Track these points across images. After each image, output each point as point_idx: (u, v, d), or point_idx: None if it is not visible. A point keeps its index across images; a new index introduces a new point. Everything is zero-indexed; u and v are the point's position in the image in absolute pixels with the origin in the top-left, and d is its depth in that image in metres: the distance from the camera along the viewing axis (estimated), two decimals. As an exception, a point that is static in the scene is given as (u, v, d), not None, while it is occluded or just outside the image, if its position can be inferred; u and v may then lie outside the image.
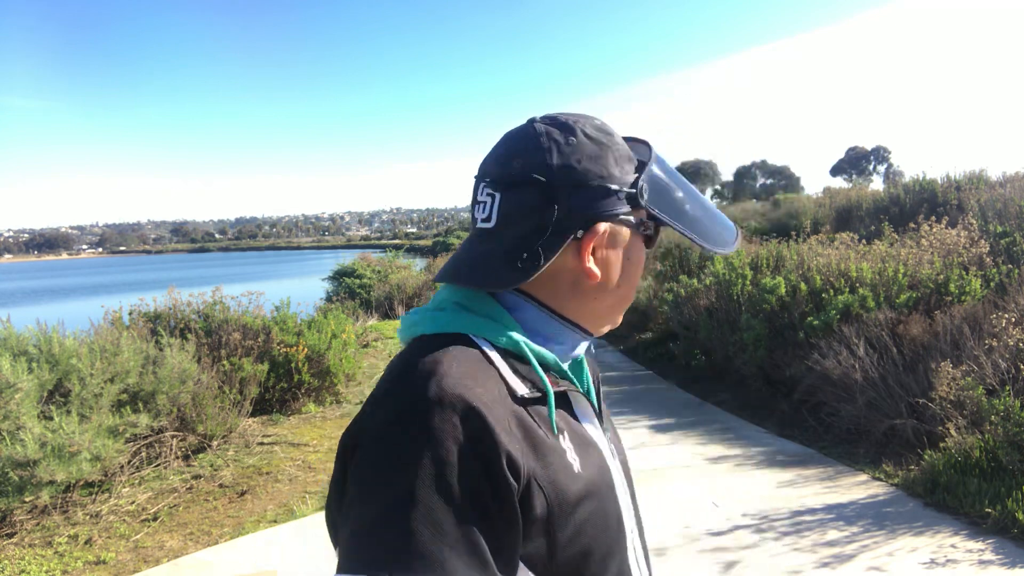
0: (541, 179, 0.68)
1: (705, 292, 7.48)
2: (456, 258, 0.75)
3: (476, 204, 0.73)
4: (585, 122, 0.73)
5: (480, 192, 0.72)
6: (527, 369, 0.68)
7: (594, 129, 0.72)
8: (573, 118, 0.73)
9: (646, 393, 6.76)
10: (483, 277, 0.70)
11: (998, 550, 3.19)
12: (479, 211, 0.72)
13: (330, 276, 19.62)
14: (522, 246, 0.69)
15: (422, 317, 0.72)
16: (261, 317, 6.61)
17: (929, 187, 11.50)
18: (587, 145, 0.70)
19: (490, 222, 0.71)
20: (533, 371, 0.68)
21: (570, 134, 0.70)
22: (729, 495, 4.02)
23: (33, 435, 3.65)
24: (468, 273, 0.71)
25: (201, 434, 5.12)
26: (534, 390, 0.67)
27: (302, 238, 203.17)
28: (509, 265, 0.69)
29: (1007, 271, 5.51)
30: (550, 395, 0.67)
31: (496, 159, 0.72)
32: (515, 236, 0.70)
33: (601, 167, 0.70)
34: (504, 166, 0.70)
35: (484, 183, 0.72)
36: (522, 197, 0.69)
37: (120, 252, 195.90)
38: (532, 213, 0.69)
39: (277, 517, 4.06)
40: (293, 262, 77.47)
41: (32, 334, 4.43)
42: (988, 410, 3.87)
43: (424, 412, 0.59)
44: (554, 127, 0.71)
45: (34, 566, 3.49)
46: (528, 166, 0.69)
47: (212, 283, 7.27)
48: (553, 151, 0.69)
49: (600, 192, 0.70)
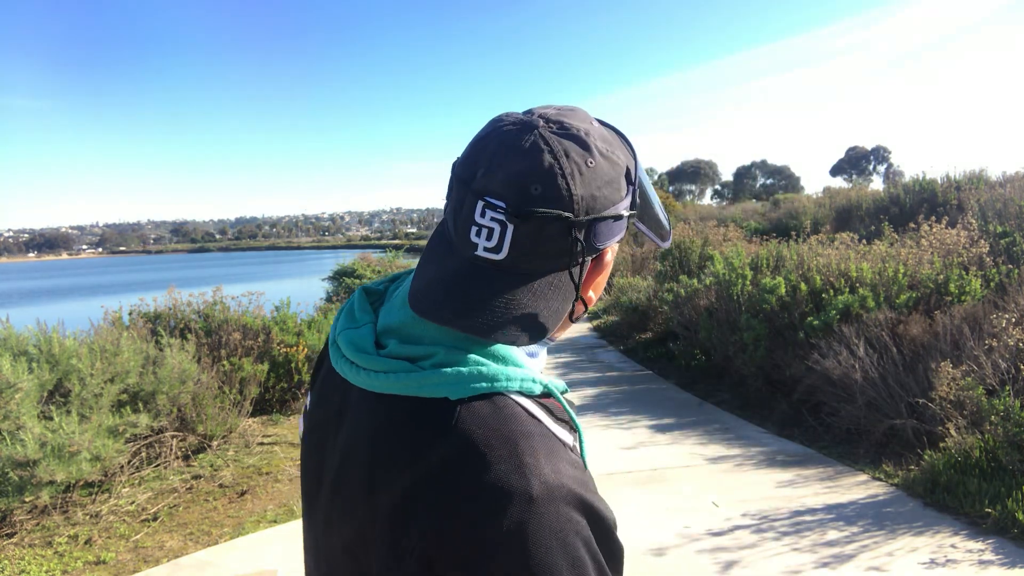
0: (569, 216, 0.61)
1: (705, 292, 7.49)
2: (448, 292, 0.63)
3: (474, 225, 0.62)
4: (593, 132, 0.66)
5: (481, 214, 0.62)
6: (558, 407, 0.68)
7: (603, 142, 0.66)
8: (581, 126, 0.65)
9: (646, 393, 6.76)
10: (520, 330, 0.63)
11: (998, 550, 3.19)
12: (481, 237, 0.62)
13: (330, 276, 19.63)
14: (547, 286, 0.64)
15: (434, 375, 0.62)
16: (261, 317, 6.61)
17: (929, 187, 11.51)
18: (604, 167, 0.64)
19: (499, 253, 0.62)
20: (563, 409, 0.68)
21: (588, 154, 0.63)
22: (729, 495, 4.02)
23: (33, 435, 3.65)
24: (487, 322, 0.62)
25: (201, 434, 5.12)
26: (570, 431, 0.67)
27: (302, 238, 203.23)
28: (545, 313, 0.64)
29: (1007, 271, 5.52)
30: (581, 433, 0.69)
31: (505, 179, 0.61)
32: (534, 273, 0.63)
33: (614, 191, 0.65)
34: (521, 192, 0.60)
35: (488, 206, 0.61)
36: (542, 231, 0.61)
37: (120, 252, 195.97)
38: (553, 249, 0.62)
39: (277, 517, 4.06)
40: (293, 262, 77.48)
41: (32, 334, 4.43)
42: (988, 410, 3.88)
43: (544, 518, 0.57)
44: (569, 141, 0.63)
45: (34, 566, 3.49)
46: (551, 197, 0.60)
47: (212, 283, 7.27)
48: (576, 178, 0.61)
49: (612, 221, 0.65)
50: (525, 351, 0.70)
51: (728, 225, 14.15)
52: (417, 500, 0.59)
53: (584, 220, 0.62)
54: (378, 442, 0.64)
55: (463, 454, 0.59)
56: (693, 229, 12.55)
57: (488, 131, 0.66)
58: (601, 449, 4.98)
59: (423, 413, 0.62)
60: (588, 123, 0.67)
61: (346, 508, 0.67)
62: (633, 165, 0.69)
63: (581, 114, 0.68)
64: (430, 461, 0.59)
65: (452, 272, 0.64)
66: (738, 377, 6.51)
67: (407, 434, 0.62)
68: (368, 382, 0.65)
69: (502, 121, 0.66)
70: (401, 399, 0.63)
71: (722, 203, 56.59)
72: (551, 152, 0.61)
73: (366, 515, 0.63)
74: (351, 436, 0.68)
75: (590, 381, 7.31)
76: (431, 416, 0.62)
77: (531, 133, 0.63)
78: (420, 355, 0.64)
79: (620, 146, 0.69)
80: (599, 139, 0.66)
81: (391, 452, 0.62)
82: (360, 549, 0.64)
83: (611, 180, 0.65)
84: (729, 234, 12.35)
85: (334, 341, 0.72)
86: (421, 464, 0.60)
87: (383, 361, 0.65)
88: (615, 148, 0.67)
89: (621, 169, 0.66)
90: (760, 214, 20.73)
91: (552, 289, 0.64)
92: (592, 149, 0.64)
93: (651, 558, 3.29)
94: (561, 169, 0.61)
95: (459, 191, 0.64)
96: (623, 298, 11.04)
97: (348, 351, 0.68)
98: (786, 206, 19.28)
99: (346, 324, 0.73)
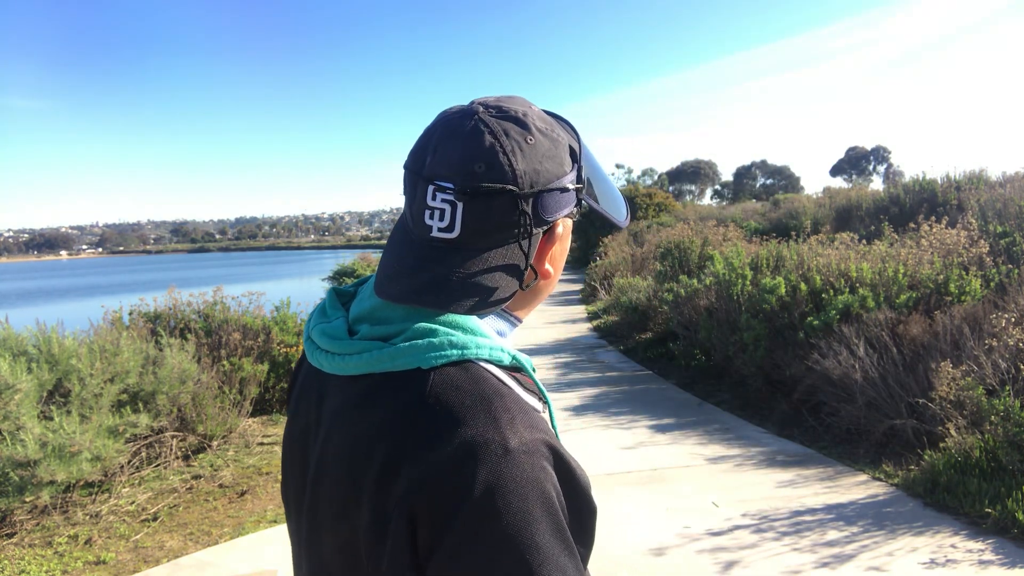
0: (514, 189, 0.65)
1: (705, 292, 7.48)
2: (412, 275, 0.68)
3: (427, 209, 0.66)
4: (531, 113, 0.70)
5: (432, 197, 0.66)
6: (528, 381, 0.71)
7: (541, 121, 0.70)
8: (518, 108, 0.69)
9: (646, 393, 6.76)
10: (478, 299, 0.67)
11: (998, 550, 3.19)
12: (435, 219, 0.66)
13: (330, 276, 19.65)
14: (500, 258, 0.68)
15: (407, 348, 0.64)
16: (261, 317, 6.61)
17: (929, 187, 11.51)
18: (543, 143, 0.68)
19: (452, 232, 0.66)
20: (532, 382, 0.71)
21: (527, 132, 0.67)
22: (729, 495, 4.02)
23: (33, 435, 3.65)
24: (448, 295, 0.66)
25: (201, 434, 5.12)
26: (538, 399, 0.70)
27: (302, 238, 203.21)
28: (500, 282, 0.68)
29: (1007, 271, 5.52)
30: (549, 403, 0.71)
31: (450, 161, 0.65)
32: (487, 247, 0.67)
33: (557, 166, 0.69)
34: (466, 172, 0.64)
35: (438, 188, 0.66)
36: (490, 207, 0.65)
37: (120, 252, 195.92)
38: (503, 222, 0.66)
39: (277, 517, 4.06)
40: (293, 262, 77.45)
41: (31, 334, 4.43)
42: (988, 410, 3.88)
43: (521, 468, 0.59)
44: (508, 122, 0.67)
45: (34, 566, 3.49)
46: (495, 173, 0.64)
47: (212, 283, 7.27)
48: (517, 154, 0.66)
49: (559, 193, 0.69)
50: (495, 330, 0.73)
51: (728, 225, 14.13)
52: (399, 462, 0.60)
53: (529, 193, 0.66)
54: (356, 421, 0.66)
55: (439, 415, 0.61)
56: (693, 229, 12.55)
57: (433, 122, 0.71)
58: (601, 449, 4.98)
59: (398, 385, 0.64)
60: (527, 107, 0.71)
61: (331, 497, 0.67)
62: (577, 144, 0.73)
63: (519, 100, 0.73)
64: (408, 425, 0.62)
65: (412, 255, 0.68)
66: (738, 377, 6.51)
67: (384, 406, 0.64)
68: (343, 366, 0.67)
69: (446, 112, 0.71)
70: (376, 377, 0.66)
71: (722, 203, 56.64)
72: (491, 132, 0.66)
73: (350, 493, 0.64)
74: (329, 429, 0.70)
75: (590, 381, 7.31)
76: (406, 386, 0.64)
77: (471, 118, 0.67)
78: (391, 333, 0.67)
79: (560, 127, 0.73)
80: (537, 119, 0.70)
81: (369, 427, 0.64)
82: (348, 534, 0.65)
83: (552, 155, 0.69)
84: (729, 234, 12.34)
85: (308, 337, 0.75)
86: (399, 430, 0.62)
87: (356, 343, 0.67)
88: (555, 128, 0.71)
89: (563, 146, 0.71)
90: (760, 214, 20.72)
91: (505, 261, 0.68)
92: (531, 127, 0.68)
93: (651, 558, 3.29)
94: (502, 147, 0.65)
95: (411, 180, 0.69)
96: (623, 298, 11.03)
97: (322, 342, 0.71)
98: (786, 206, 19.28)
99: (318, 320, 0.76)
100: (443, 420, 0.61)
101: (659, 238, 14.31)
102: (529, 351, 9.18)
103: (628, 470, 4.52)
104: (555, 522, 0.59)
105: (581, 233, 20.90)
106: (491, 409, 0.61)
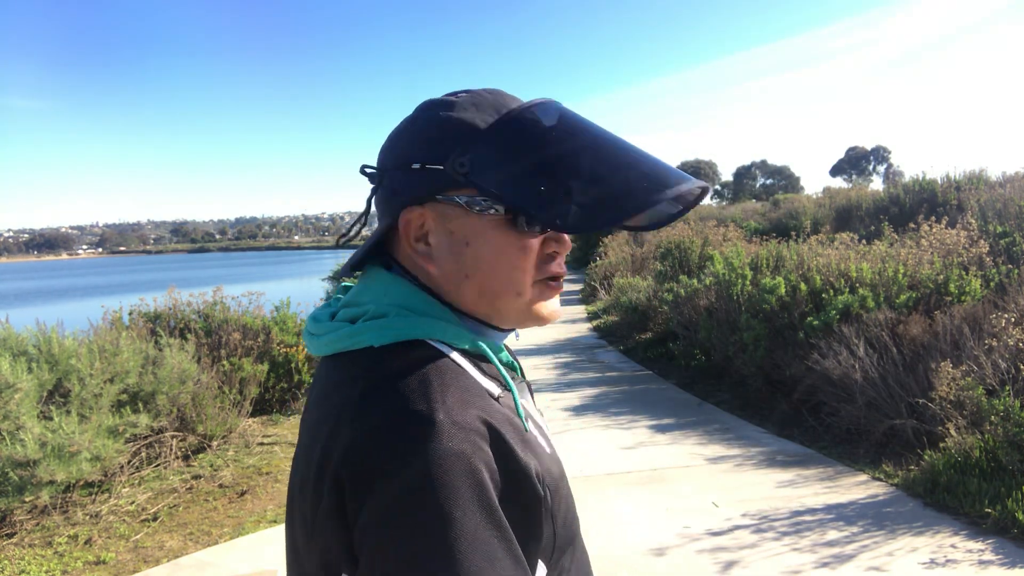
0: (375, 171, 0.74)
1: (705, 292, 7.48)
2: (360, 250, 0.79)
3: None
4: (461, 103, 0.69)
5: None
6: (489, 367, 0.70)
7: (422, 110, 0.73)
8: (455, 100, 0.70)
9: (646, 393, 6.76)
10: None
11: (998, 550, 3.19)
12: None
13: (330, 276, 19.64)
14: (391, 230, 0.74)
15: (363, 326, 0.67)
16: (261, 317, 6.61)
17: (929, 187, 11.51)
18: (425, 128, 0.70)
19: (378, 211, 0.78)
20: (495, 368, 0.71)
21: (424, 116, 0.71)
22: (729, 495, 4.02)
23: (33, 435, 3.65)
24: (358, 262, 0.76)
25: (201, 434, 5.12)
26: (500, 386, 0.69)
27: (302, 238, 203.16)
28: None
29: (1007, 271, 5.52)
30: (514, 391, 0.70)
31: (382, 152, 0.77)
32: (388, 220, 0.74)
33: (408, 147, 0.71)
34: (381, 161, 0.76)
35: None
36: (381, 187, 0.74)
37: (120, 252, 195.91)
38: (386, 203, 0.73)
39: (277, 517, 4.06)
40: (293, 262, 77.46)
41: (31, 334, 4.42)
42: (988, 410, 3.88)
43: (447, 440, 0.57)
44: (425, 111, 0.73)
45: (34, 566, 3.49)
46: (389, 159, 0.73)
47: (212, 283, 7.27)
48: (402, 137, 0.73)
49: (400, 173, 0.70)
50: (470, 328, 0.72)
51: (728, 225, 14.12)
52: (337, 432, 0.61)
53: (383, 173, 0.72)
54: (320, 402, 0.68)
55: (378, 386, 0.62)
56: (693, 229, 12.54)
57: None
58: (601, 449, 4.98)
59: (354, 362, 0.67)
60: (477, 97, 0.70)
61: (295, 483, 0.68)
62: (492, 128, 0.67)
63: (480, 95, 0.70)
64: (351, 396, 0.63)
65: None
66: (738, 377, 6.51)
67: (339, 383, 0.66)
68: (319, 346, 0.71)
69: None
70: (342, 357, 0.68)
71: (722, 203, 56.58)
72: (407, 120, 0.73)
73: (307, 473, 0.64)
74: (304, 419, 0.73)
75: (590, 381, 7.31)
76: (359, 362, 0.66)
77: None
78: (359, 315, 0.70)
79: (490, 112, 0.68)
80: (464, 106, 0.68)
81: (327, 407, 0.65)
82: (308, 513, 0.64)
83: (428, 138, 0.68)
84: (729, 234, 12.34)
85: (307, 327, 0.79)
86: (345, 402, 0.63)
87: (329, 324, 0.71)
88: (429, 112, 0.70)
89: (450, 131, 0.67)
90: (760, 214, 20.72)
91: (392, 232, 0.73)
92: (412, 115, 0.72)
93: (651, 558, 3.29)
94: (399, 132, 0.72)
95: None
96: (623, 298, 11.04)
97: (309, 325, 0.76)
98: (786, 206, 19.28)
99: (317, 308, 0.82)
100: (377, 393, 0.62)
101: (659, 238, 14.30)
102: (529, 351, 9.19)
103: (628, 470, 4.52)
104: (482, 499, 0.56)
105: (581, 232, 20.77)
106: (427, 384, 0.61)
